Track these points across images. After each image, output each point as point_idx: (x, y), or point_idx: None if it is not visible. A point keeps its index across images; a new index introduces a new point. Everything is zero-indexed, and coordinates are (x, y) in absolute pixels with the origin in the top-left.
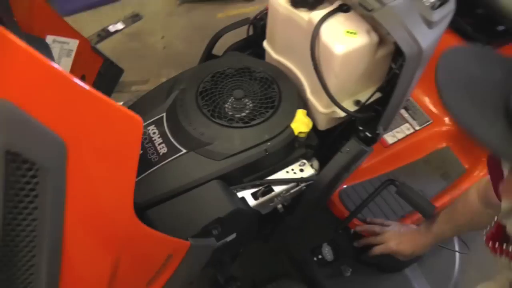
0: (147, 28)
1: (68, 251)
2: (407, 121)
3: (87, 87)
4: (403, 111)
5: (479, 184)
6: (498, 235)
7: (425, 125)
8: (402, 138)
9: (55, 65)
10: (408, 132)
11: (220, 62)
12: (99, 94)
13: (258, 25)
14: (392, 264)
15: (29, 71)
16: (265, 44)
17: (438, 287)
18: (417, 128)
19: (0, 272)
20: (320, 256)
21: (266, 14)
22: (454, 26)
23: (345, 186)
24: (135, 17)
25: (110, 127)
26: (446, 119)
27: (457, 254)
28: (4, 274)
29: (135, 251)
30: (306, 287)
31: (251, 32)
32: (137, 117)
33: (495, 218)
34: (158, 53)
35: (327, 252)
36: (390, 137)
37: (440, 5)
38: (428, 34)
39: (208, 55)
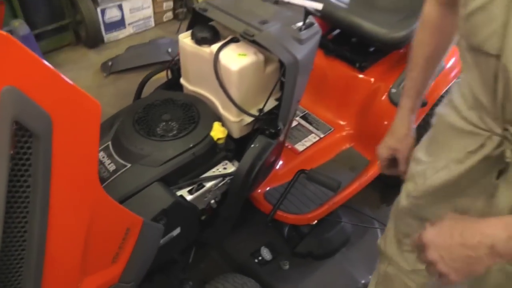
0: None
1: (52, 219)
2: (312, 132)
3: (66, 78)
4: (307, 125)
5: None
6: None
7: (328, 132)
8: (311, 145)
9: (46, 63)
10: (314, 140)
11: (148, 98)
12: (73, 84)
13: (174, 69)
14: (324, 251)
15: (28, 67)
16: (182, 80)
17: (368, 262)
18: (322, 136)
19: None
20: (260, 258)
21: (179, 59)
22: (337, 54)
23: (268, 188)
24: None
25: (80, 106)
26: (344, 124)
27: (379, 231)
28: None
29: (101, 220)
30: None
31: (170, 76)
32: (97, 102)
33: None
34: None
35: (265, 253)
36: (300, 146)
37: (305, 28)
38: (300, 49)
39: (138, 98)
